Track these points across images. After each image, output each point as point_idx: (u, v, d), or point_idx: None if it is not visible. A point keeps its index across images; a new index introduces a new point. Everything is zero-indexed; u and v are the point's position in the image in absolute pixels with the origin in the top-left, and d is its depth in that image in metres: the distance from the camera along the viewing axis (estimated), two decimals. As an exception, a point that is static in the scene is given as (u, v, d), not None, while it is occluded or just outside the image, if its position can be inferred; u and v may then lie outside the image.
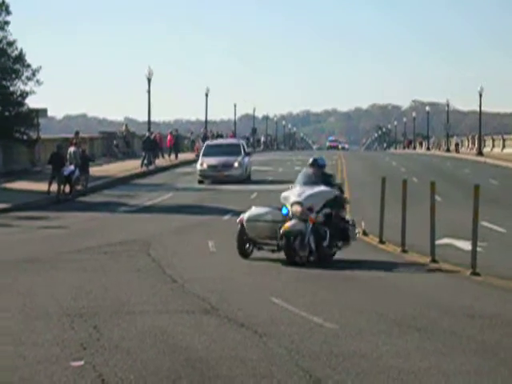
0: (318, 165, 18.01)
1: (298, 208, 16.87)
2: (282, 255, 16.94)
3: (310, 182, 17.70)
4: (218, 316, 11.67)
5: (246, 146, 45.21)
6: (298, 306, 12.25)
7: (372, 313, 12.03)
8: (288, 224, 16.64)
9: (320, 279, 15.23)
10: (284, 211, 17.07)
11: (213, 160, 41.57)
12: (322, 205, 17.07)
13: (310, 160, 18.38)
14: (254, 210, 17.67)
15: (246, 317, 11.54)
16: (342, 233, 17.45)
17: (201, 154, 43.82)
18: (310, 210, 16.82)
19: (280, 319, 11.41)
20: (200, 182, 41.39)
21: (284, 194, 17.57)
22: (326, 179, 17.80)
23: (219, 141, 54.65)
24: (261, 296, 13.28)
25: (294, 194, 17.26)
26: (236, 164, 41.54)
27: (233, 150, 42.99)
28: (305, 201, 16.92)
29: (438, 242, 18.41)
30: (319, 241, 16.77)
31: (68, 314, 11.67)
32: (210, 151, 43.04)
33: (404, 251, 19.15)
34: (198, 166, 41.94)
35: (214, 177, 41.34)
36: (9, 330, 10.75)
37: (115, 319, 11.38)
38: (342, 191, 18.37)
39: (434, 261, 17.55)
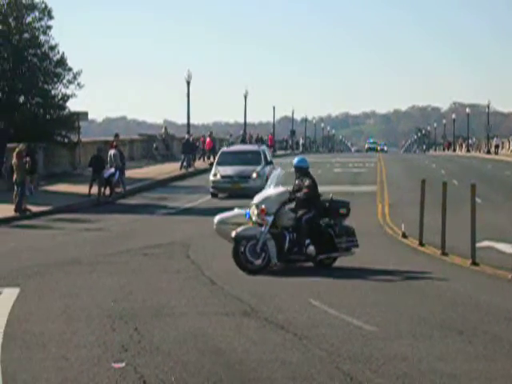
0: (296, 166, 17.15)
1: (254, 210, 16.08)
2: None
3: (279, 182, 16.82)
4: (257, 318, 11.70)
5: (267, 154, 38.71)
6: (337, 309, 12.24)
7: (412, 315, 11.97)
8: (239, 228, 15.90)
9: (358, 281, 15.17)
10: (247, 214, 16.26)
11: (228, 169, 35.74)
12: (277, 207, 16.04)
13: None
14: (226, 213, 16.92)
15: (286, 319, 11.56)
16: (326, 241, 16.35)
17: (215, 163, 37.89)
18: (265, 212, 15.87)
19: (320, 321, 11.41)
20: (213, 195, 35.68)
21: (256, 196, 16.69)
22: (303, 181, 16.74)
23: (237, 147, 46.64)
24: (300, 298, 13.28)
25: (257, 196, 16.57)
26: (254, 175, 35.20)
27: (252, 158, 37.05)
28: (260, 203, 16.08)
29: (478, 244, 18.23)
30: (281, 246, 15.87)
31: (109, 316, 11.79)
32: (226, 159, 37.07)
33: (444, 254, 19.00)
34: (211, 177, 35.91)
35: (228, 189, 35.48)
36: (52, 332, 10.89)
37: (156, 321, 11.48)
38: (333, 201, 17.01)
39: (474, 263, 17.40)
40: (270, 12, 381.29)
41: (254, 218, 16.04)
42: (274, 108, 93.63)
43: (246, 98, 75.81)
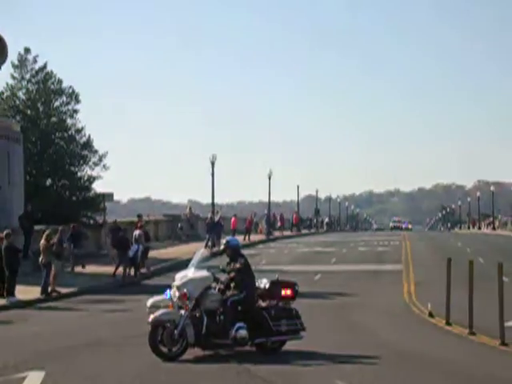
0: (229, 246, 16.34)
1: (175, 292, 15.41)
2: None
3: (202, 263, 16.16)
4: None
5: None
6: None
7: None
8: (157, 312, 15.22)
9: (386, 362, 15.00)
10: (168, 295, 15.58)
11: None
12: (200, 291, 15.30)
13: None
14: (158, 296, 16.07)
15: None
16: (260, 324, 15.58)
17: None
18: (186, 297, 15.22)
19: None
20: None
21: (177, 275, 16.07)
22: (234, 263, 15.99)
23: None
24: (326, 379, 13.12)
25: (178, 277, 15.86)
26: None
27: None
28: (182, 286, 15.38)
29: (506, 324, 18.04)
30: (199, 331, 15.10)
31: (135, 398, 11.72)
32: None
33: (472, 333, 18.80)
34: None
35: None
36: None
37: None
38: (275, 282, 16.20)
39: (503, 343, 17.19)
40: (289, 98, 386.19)
41: (174, 300, 15.38)
42: (298, 187, 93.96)
43: (270, 177, 76.24)
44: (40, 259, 29.07)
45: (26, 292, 28.34)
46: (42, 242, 29.35)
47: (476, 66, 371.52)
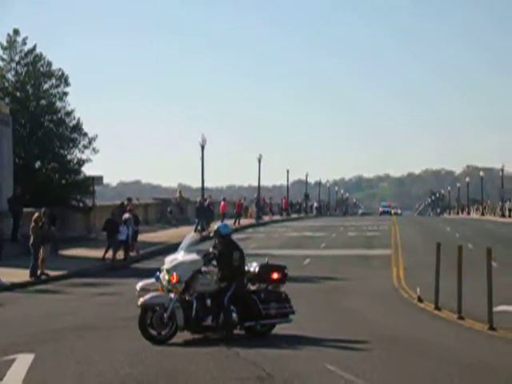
0: (219, 233, 16.09)
1: (165, 275, 15.37)
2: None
3: (192, 247, 16.12)
4: (273, 384, 11.61)
5: None
6: (354, 374, 12.14)
7: (433, 382, 11.85)
8: (147, 295, 15.22)
9: (375, 346, 15.05)
10: (158, 278, 15.52)
11: None
12: (189, 275, 15.24)
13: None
14: (148, 280, 16.05)
15: (302, 385, 11.46)
16: (250, 307, 15.59)
17: None
18: (175, 280, 15.17)
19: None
20: None
21: (166, 258, 16.01)
22: (225, 248, 15.85)
23: None
24: (316, 363, 13.18)
25: (167, 260, 15.83)
26: None
27: None
28: (172, 269, 15.35)
29: (494, 308, 18.13)
30: (188, 315, 15.10)
31: (125, 382, 11.73)
32: None
33: (461, 318, 18.89)
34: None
35: None
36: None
37: (171, 386, 11.40)
38: (265, 266, 16.27)
39: (491, 328, 17.28)
40: (283, 76, 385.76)
41: (164, 283, 15.36)
42: (287, 171, 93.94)
43: (259, 161, 76.25)
44: (30, 242, 29.00)
45: (14, 275, 28.29)
46: (32, 224, 29.29)
47: (464, 53, 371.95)
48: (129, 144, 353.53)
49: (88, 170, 47.10)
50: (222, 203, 62.86)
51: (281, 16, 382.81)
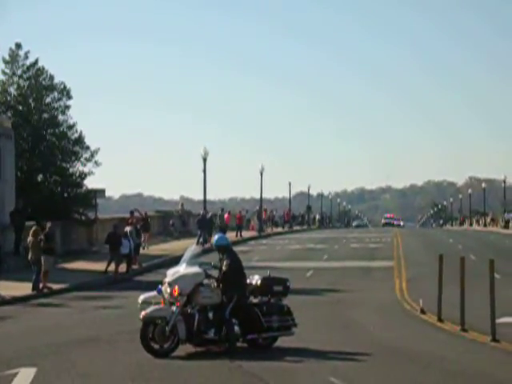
0: (214, 245, 16.17)
1: (167, 288, 15.35)
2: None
3: (194, 259, 16.08)
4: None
5: None
6: (357, 387, 12.11)
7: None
8: (149, 309, 15.20)
9: (378, 358, 15.01)
10: (159, 291, 15.51)
11: None
12: (191, 288, 15.22)
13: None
14: (150, 293, 16.08)
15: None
16: (252, 320, 15.55)
17: None
18: (177, 293, 15.13)
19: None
20: None
21: (168, 271, 16.02)
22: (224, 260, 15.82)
23: None
24: (319, 376, 13.14)
25: (169, 273, 15.83)
26: None
27: None
28: (174, 282, 15.33)
29: (497, 320, 18.07)
30: (190, 328, 15.03)
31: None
32: None
33: (463, 330, 18.84)
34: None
35: None
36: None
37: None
38: (267, 278, 16.18)
39: (494, 340, 17.23)
40: (284, 91, 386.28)
41: (165, 296, 15.34)
42: (289, 184, 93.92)
43: (261, 174, 76.21)
44: (29, 256, 29.01)
45: (17, 288, 28.28)
46: (30, 238, 29.30)
47: (467, 64, 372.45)
48: (131, 157, 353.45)
49: (90, 183, 47.20)
50: (226, 215, 62.96)
51: (285, 27, 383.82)
